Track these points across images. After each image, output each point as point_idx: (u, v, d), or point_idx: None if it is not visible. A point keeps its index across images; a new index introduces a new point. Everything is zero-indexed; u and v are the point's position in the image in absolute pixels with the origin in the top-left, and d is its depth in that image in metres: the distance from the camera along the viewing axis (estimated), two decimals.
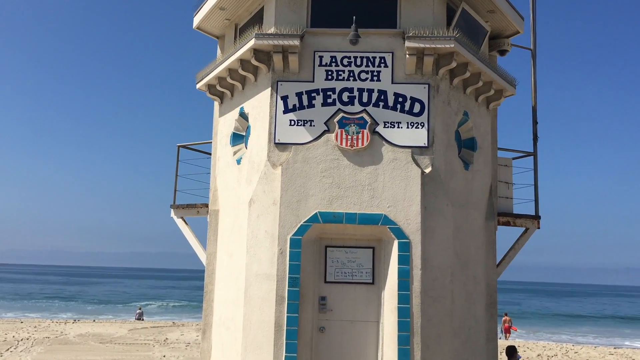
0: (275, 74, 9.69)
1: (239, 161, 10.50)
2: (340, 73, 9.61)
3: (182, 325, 29.72)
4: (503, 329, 32.08)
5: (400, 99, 9.48)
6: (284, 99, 9.61)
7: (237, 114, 10.66)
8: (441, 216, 9.42)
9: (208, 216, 11.44)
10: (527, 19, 12.16)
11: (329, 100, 9.55)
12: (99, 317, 42.75)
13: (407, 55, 9.41)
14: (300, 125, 9.54)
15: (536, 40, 12.58)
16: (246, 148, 10.43)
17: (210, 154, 12.23)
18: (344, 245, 9.50)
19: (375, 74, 9.57)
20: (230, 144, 10.86)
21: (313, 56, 9.67)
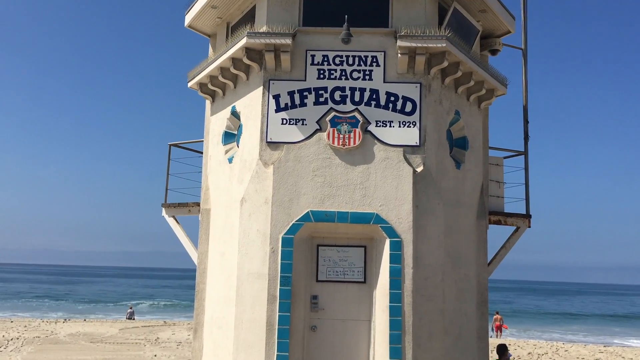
0: (267, 72, 9.69)
1: (230, 160, 10.48)
2: (332, 72, 9.61)
3: (174, 325, 29.65)
4: (494, 327, 32.22)
5: (392, 98, 9.50)
6: (276, 97, 9.60)
7: (229, 113, 10.64)
8: (433, 215, 9.45)
9: (200, 215, 11.42)
10: (519, 19, 12.23)
11: (321, 99, 9.55)
12: (89, 316, 42.54)
13: (399, 55, 9.43)
14: (292, 124, 9.54)
15: (527, 39, 12.65)
16: (238, 147, 10.41)
17: (202, 152, 12.20)
18: (335, 244, 9.51)
19: (367, 73, 9.58)
20: (222, 142, 10.85)
21: (305, 55, 9.66)
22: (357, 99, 9.51)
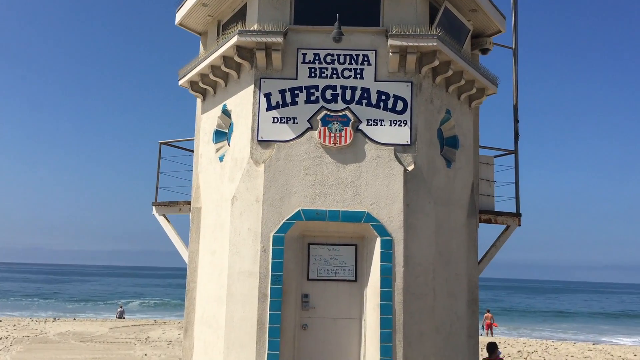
0: (258, 71, 9.67)
1: (221, 158, 10.46)
2: (323, 71, 9.61)
3: (164, 324, 29.57)
4: (485, 325, 32.37)
5: (383, 97, 9.51)
6: (267, 96, 9.59)
7: (220, 111, 10.62)
8: (423, 214, 9.47)
9: (190, 214, 11.39)
10: (509, 18, 12.28)
11: (312, 98, 9.55)
12: (79, 315, 42.30)
13: (390, 53, 9.44)
14: (284, 123, 9.53)
15: (517, 39, 12.71)
16: (229, 145, 10.39)
17: (192, 151, 12.17)
18: (326, 242, 9.51)
19: (359, 71, 9.58)
20: (213, 141, 10.82)
21: (296, 53, 9.66)
22: (348, 97, 9.52)
